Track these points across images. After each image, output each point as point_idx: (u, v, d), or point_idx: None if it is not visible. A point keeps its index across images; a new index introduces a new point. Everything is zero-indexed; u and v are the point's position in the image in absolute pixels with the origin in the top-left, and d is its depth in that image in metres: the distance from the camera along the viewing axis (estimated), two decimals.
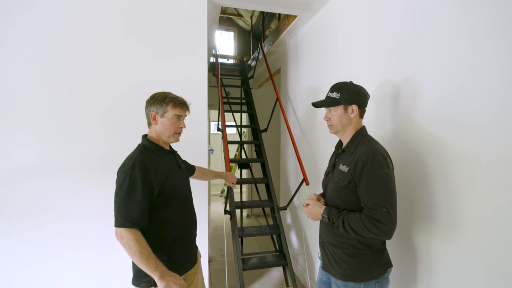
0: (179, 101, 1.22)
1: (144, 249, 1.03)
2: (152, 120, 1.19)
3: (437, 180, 1.17)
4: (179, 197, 1.23)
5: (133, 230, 1.04)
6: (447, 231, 1.14)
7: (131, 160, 1.10)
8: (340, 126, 1.18)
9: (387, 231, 1.00)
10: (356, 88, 1.16)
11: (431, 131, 1.20)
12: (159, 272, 1.03)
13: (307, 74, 2.53)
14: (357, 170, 1.06)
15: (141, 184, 1.06)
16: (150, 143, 1.20)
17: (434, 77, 1.19)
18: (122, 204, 1.05)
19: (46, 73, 1.79)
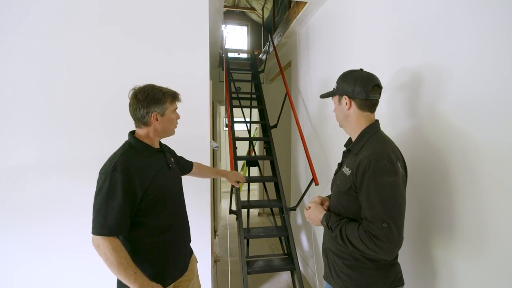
0: (175, 95, 1.16)
1: (123, 259, 0.94)
2: (154, 121, 1.09)
3: (463, 185, 0.98)
4: (167, 200, 1.13)
5: (111, 239, 0.95)
6: (473, 246, 0.95)
7: (112, 161, 1.00)
8: (340, 120, 1.06)
9: (386, 250, 0.84)
10: (354, 75, 1.00)
11: (458, 127, 1.01)
12: (138, 284, 0.94)
13: (318, 66, 2.35)
14: (359, 175, 0.91)
15: (122, 188, 0.96)
16: (137, 142, 1.11)
17: (465, 61, 1.00)
18: (99, 210, 0.96)
19: (44, 69, 1.76)
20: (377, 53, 1.49)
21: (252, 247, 3.29)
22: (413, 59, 1.23)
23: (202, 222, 2.00)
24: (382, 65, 1.42)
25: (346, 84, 0.99)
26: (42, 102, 1.76)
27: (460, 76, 1.01)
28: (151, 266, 1.07)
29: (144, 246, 1.07)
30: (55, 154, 1.78)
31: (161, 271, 1.10)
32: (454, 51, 1.03)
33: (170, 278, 1.14)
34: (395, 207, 0.86)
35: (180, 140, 1.87)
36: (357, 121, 1.01)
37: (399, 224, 0.85)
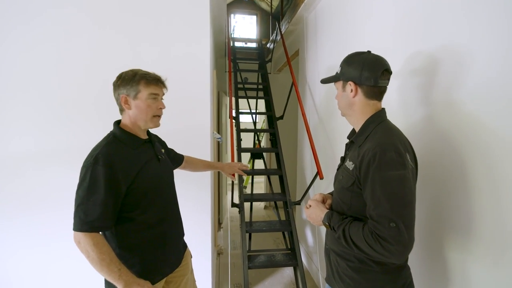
0: (152, 77, 1.03)
1: (105, 255, 0.89)
2: (124, 104, 1.02)
3: (483, 182, 0.87)
4: (155, 194, 1.06)
5: (92, 235, 0.90)
6: (493, 250, 0.85)
7: (94, 153, 0.94)
8: (342, 107, 0.95)
9: (395, 253, 0.74)
10: (361, 58, 0.88)
11: (479, 117, 0.89)
12: (123, 281, 0.89)
13: (326, 53, 2.22)
14: (363, 169, 0.81)
15: (104, 183, 0.90)
16: (122, 132, 1.03)
17: (490, 43, 0.87)
18: (80, 205, 0.90)
19: (41, 59, 1.72)
20: (389, 35, 1.36)
21: (257, 241, 3.25)
22: (430, 41, 1.10)
23: (203, 215, 1.95)
24: (394, 48, 1.29)
25: (352, 68, 0.88)
26: (40, 92, 1.74)
27: (483, 60, 0.88)
28: (139, 262, 1.03)
29: (132, 241, 1.02)
30: (53, 144, 1.76)
31: (150, 267, 1.05)
32: (479, 31, 0.90)
33: (160, 274, 1.09)
34: (404, 205, 0.76)
35: (179, 131, 1.82)
36: (363, 110, 0.90)
37: (409, 224, 0.76)
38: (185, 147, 1.54)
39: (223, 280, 2.46)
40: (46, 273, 1.81)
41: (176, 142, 1.47)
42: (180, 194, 1.29)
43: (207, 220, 1.97)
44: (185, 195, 1.52)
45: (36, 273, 1.80)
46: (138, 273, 0.98)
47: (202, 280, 1.95)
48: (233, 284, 2.40)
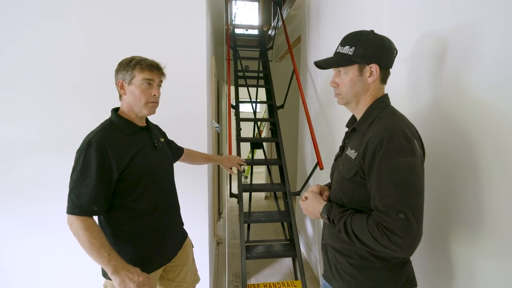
0: (148, 63, 1.03)
1: (95, 239, 0.89)
2: (120, 89, 1.04)
3: (493, 172, 0.81)
4: (150, 181, 1.05)
5: (83, 218, 0.91)
6: (502, 244, 0.79)
7: (88, 138, 0.95)
8: (351, 95, 0.85)
9: (404, 247, 0.69)
10: (379, 39, 0.81)
11: (489, 103, 0.82)
12: (112, 266, 0.89)
13: (329, 38, 2.12)
14: (367, 157, 0.75)
15: (96, 167, 0.91)
16: (119, 118, 1.04)
17: (499, 22, 0.79)
18: (73, 188, 0.92)
19: (37, 46, 1.67)
20: (397, 18, 1.27)
21: (257, 231, 3.24)
22: (440, 22, 1.01)
23: (200, 205, 1.92)
24: (402, 31, 1.20)
25: (371, 49, 0.79)
26: (37, 80, 1.68)
27: (495, 40, 0.80)
28: (134, 250, 1.02)
29: (126, 229, 1.01)
30: (48, 134, 1.73)
31: (144, 257, 1.04)
32: (491, 8, 0.81)
33: (155, 264, 1.09)
34: (414, 194, 0.70)
35: (175, 119, 1.76)
36: (374, 96, 0.83)
37: (419, 215, 0.70)
38: (180, 136, 1.49)
39: (221, 270, 2.45)
40: (41, 262, 1.80)
41: (172, 131, 1.42)
42: (178, 184, 1.27)
43: (205, 210, 1.94)
44: (182, 185, 1.49)
45: (31, 262, 1.79)
46: (132, 262, 0.97)
47: (199, 269, 1.94)
48: (232, 273, 2.40)
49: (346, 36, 0.86)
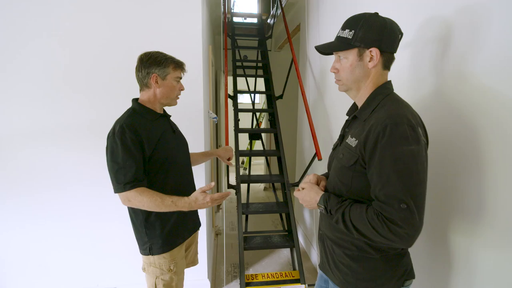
0: (180, 63, 1.16)
1: (154, 197, 1.02)
2: (154, 83, 1.12)
3: (497, 161, 0.79)
4: (173, 162, 1.16)
5: (136, 189, 1.02)
6: (503, 235, 0.78)
7: (119, 124, 1.04)
8: (352, 81, 0.81)
9: (404, 237, 0.67)
10: (380, 22, 0.76)
11: (494, 89, 0.79)
12: (182, 207, 1.05)
13: (330, 26, 2.07)
14: (369, 144, 0.72)
15: (134, 147, 1.02)
16: (141, 107, 1.14)
17: (507, 5, 0.75)
18: (119, 170, 1.01)
19: (37, 38, 1.62)
20: (399, 2, 1.22)
21: (255, 222, 3.24)
22: (445, 4, 0.97)
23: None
24: (406, 15, 1.16)
25: (371, 32, 0.75)
26: (29, 72, 1.64)
27: (504, 24, 0.76)
28: (162, 226, 1.12)
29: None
30: (43, 123, 1.70)
31: (172, 231, 1.15)
32: None
33: (181, 237, 1.20)
34: (417, 184, 0.68)
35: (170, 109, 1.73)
36: (376, 82, 0.80)
37: (421, 205, 0.68)
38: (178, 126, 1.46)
39: (220, 260, 2.46)
40: (34, 251, 1.80)
41: None
42: None
43: None
44: None
45: (24, 252, 1.80)
46: (163, 237, 1.12)
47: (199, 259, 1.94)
48: (230, 264, 2.41)
49: (347, 19, 0.82)
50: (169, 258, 1.14)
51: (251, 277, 1.88)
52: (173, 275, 1.15)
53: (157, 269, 1.13)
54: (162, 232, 1.12)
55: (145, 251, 1.13)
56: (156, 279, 1.13)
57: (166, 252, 1.13)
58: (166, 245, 1.13)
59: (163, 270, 1.13)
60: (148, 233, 1.11)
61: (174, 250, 1.15)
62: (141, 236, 1.13)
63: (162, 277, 1.13)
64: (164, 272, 1.13)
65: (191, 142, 1.45)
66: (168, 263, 1.14)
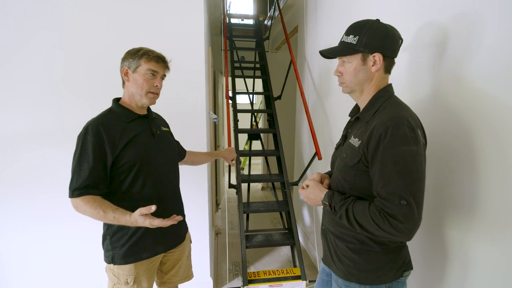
0: (155, 54, 1.06)
1: (97, 209, 0.94)
2: (124, 76, 1.06)
3: (490, 160, 0.84)
4: (146, 168, 1.06)
5: (81, 197, 0.95)
6: (496, 229, 0.83)
7: (86, 125, 1.01)
8: (355, 84, 0.86)
9: (404, 231, 0.72)
10: (383, 28, 0.82)
11: (487, 91, 0.85)
12: (124, 222, 0.94)
13: (327, 28, 2.12)
14: (371, 145, 0.77)
15: (92, 151, 0.97)
16: (118, 107, 1.08)
17: (499, 12, 0.81)
18: (73, 174, 0.98)
19: (36, 37, 1.62)
20: (398, 7, 1.28)
21: (255, 221, 3.28)
22: (441, 11, 1.02)
23: (200, 195, 1.94)
24: (404, 20, 1.21)
25: (375, 38, 0.80)
26: (30, 74, 1.65)
27: (493, 30, 0.82)
28: (126, 236, 1.06)
29: None
30: (45, 125, 1.71)
31: (140, 245, 1.08)
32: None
33: (149, 251, 1.11)
34: (416, 182, 0.73)
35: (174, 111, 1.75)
36: (378, 85, 0.85)
37: (420, 201, 0.73)
38: (180, 128, 1.49)
39: (221, 259, 2.50)
40: (35, 253, 1.82)
41: (171, 123, 1.42)
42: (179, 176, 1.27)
43: (205, 201, 1.96)
44: (183, 177, 1.50)
45: (25, 254, 1.80)
46: (125, 248, 1.06)
47: (201, 259, 1.98)
48: (231, 262, 2.45)
49: (351, 25, 0.86)
50: (127, 271, 1.07)
51: (253, 274, 1.92)
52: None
53: (114, 277, 1.08)
54: (126, 243, 1.06)
55: (107, 259, 1.09)
56: (113, 285, 1.10)
57: (127, 264, 1.07)
58: (129, 257, 1.06)
59: (120, 281, 1.08)
60: (112, 241, 1.06)
61: (137, 264, 1.08)
62: (106, 243, 1.08)
63: (119, 286, 1.09)
64: (120, 283, 1.08)
65: (194, 143, 1.49)
66: (125, 276, 1.07)
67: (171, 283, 1.27)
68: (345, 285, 0.91)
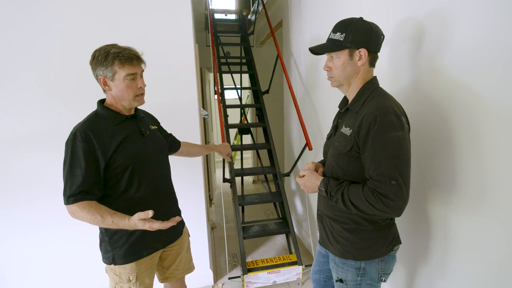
0: (126, 56, 0.98)
1: (95, 215, 0.93)
2: (104, 86, 1.02)
3: (465, 141, 0.94)
4: (139, 169, 1.06)
5: (78, 204, 0.94)
6: (472, 204, 0.94)
7: (73, 130, 0.98)
8: (343, 78, 0.93)
9: (395, 208, 0.81)
10: (367, 26, 0.89)
11: (460, 81, 0.95)
12: (123, 226, 0.93)
13: (311, 23, 2.18)
14: (362, 132, 0.85)
15: (83, 157, 0.94)
16: (104, 110, 1.05)
17: (470, 7, 0.90)
18: (66, 181, 0.96)
19: (15, 38, 1.58)
20: (378, 2, 1.36)
21: (248, 213, 3.36)
22: (418, 7, 1.11)
23: (195, 195, 1.98)
24: (384, 15, 1.29)
25: (360, 35, 0.87)
26: (20, 77, 1.61)
27: (464, 24, 0.91)
28: (125, 236, 1.06)
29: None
30: (40, 129, 1.68)
31: (137, 242, 1.08)
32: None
33: (149, 248, 1.13)
34: (404, 164, 0.82)
35: (166, 108, 1.78)
36: (364, 78, 0.93)
37: (407, 181, 0.82)
38: (173, 124, 1.51)
39: (218, 252, 2.56)
40: (35, 258, 1.81)
41: (163, 119, 1.43)
42: (174, 172, 1.29)
43: (201, 196, 2.00)
44: (179, 173, 1.53)
45: (25, 259, 1.79)
46: (126, 247, 1.06)
47: (201, 252, 2.03)
48: (229, 254, 2.52)
49: (337, 23, 0.93)
50: (129, 270, 1.08)
51: (252, 263, 2.00)
52: (132, 285, 1.10)
53: (116, 277, 1.10)
54: (126, 242, 1.06)
55: (107, 260, 1.09)
56: (115, 285, 1.11)
57: (128, 263, 1.08)
58: (129, 256, 1.08)
59: (122, 279, 1.09)
60: (111, 242, 1.06)
61: (138, 262, 1.10)
62: (105, 244, 1.08)
63: (121, 285, 1.10)
64: (122, 281, 1.09)
65: (187, 139, 1.50)
66: (127, 274, 1.09)
67: (174, 276, 1.30)
68: (342, 262, 1.00)
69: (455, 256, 1.02)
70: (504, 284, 0.85)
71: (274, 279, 1.98)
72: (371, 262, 0.96)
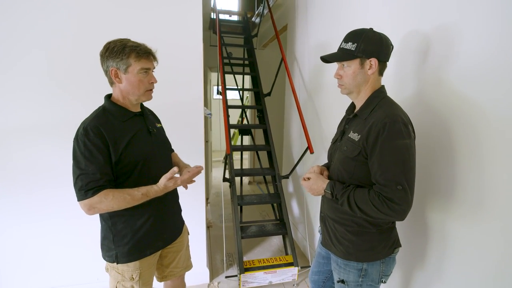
0: (143, 50, 1.00)
1: (123, 195, 0.96)
2: (115, 78, 1.00)
3: (466, 151, 0.99)
4: (146, 167, 1.06)
5: (99, 194, 0.94)
6: (470, 211, 0.98)
7: (84, 125, 0.97)
8: (354, 86, 0.97)
9: (400, 212, 0.85)
10: (378, 36, 0.93)
11: (464, 93, 0.99)
12: (153, 195, 1.00)
13: (317, 29, 2.23)
14: (370, 139, 0.88)
15: (97, 150, 0.94)
16: (112, 105, 1.04)
17: (475, 24, 0.95)
18: (80, 175, 0.94)
19: (24, 29, 1.57)
20: (386, 9, 1.40)
21: (245, 214, 3.37)
22: (424, 21, 1.16)
23: (196, 194, 1.99)
24: (390, 25, 1.34)
25: (371, 45, 0.91)
26: (27, 68, 1.61)
27: (470, 40, 0.96)
28: (130, 234, 1.07)
29: (124, 214, 1.05)
30: (41, 121, 1.68)
31: (143, 241, 1.09)
32: (471, 12, 0.97)
33: (152, 247, 1.13)
34: (409, 170, 0.86)
35: (172, 106, 1.80)
36: (373, 86, 0.96)
37: (412, 186, 0.86)
38: (177, 123, 1.52)
39: (214, 251, 2.57)
40: (29, 249, 1.80)
41: (169, 117, 1.45)
42: None
43: (202, 194, 2.02)
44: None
45: (19, 250, 1.78)
46: (130, 246, 1.06)
47: (199, 250, 2.04)
48: (226, 253, 2.53)
49: (348, 33, 0.97)
50: (132, 267, 1.08)
51: (249, 263, 2.02)
52: (135, 284, 1.10)
53: (119, 275, 1.09)
54: (130, 241, 1.06)
55: (110, 258, 1.07)
56: (117, 283, 1.10)
57: (132, 261, 1.07)
58: (133, 254, 1.07)
59: (125, 277, 1.09)
60: (115, 240, 1.05)
61: (142, 260, 1.10)
62: (108, 242, 1.07)
63: (123, 283, 1.09)
64: (125, 279, 1.09)
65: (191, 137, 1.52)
66: (131, 272, 1.08)
67: (173, 275, 1.31)
68: (345, 263, 1.03)
69: (451, 261, 1.06)
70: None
71: (270, 279, 2.00)
72: (373, 263, 0.99)
